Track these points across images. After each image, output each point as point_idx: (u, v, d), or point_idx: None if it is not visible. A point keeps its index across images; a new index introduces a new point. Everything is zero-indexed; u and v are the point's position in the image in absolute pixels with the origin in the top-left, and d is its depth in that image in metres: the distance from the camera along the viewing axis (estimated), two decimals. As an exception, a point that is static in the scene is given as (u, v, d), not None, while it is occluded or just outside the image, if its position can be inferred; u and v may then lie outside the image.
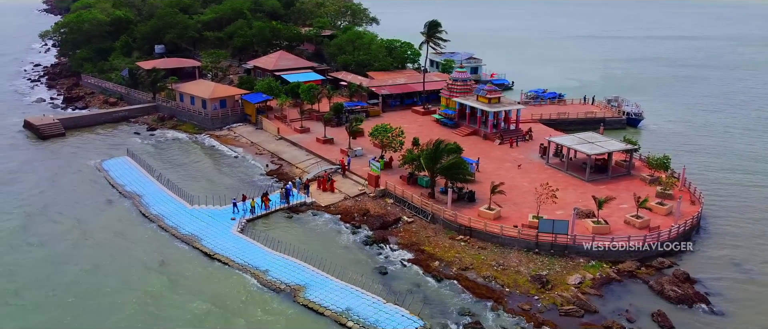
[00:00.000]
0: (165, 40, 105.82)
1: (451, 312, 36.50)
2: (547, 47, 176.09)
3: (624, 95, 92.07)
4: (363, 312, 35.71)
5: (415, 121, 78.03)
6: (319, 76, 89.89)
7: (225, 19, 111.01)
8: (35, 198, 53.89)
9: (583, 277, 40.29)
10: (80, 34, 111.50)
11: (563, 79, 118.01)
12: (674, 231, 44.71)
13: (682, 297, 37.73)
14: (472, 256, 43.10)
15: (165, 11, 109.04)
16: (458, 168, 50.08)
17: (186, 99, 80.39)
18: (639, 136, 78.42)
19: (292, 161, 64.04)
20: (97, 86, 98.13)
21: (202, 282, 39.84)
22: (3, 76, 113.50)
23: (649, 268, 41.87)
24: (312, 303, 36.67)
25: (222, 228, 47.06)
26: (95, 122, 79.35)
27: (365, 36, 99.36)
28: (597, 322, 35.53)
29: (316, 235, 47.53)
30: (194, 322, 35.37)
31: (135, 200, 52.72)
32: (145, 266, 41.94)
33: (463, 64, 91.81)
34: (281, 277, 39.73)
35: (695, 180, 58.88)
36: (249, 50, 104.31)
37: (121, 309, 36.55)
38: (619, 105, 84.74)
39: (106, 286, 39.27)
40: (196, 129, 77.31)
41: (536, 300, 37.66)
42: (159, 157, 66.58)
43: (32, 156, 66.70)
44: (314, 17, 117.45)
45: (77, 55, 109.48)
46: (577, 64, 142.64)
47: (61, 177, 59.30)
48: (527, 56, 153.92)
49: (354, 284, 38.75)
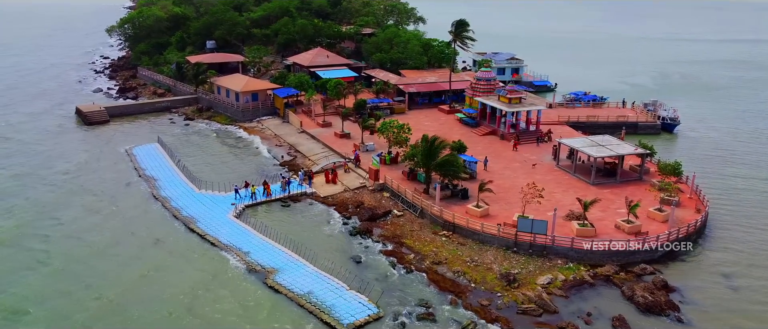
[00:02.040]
0: (215, 36, 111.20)
1: (409, 302, 37.29)
2: (609, 49, 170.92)
3: (672, 100, 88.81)
4: (323, 296, 37.17)
5: (438, 119, 78.56)
6: (352, 74, 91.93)
7: (273, 16, 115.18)
8: (62, 177, 59.17)
9: (554, 278, 39.93)
10: (141, 29, 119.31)
11: (613, 83, 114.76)
12: (663, 238, 43.32)
13: (651, 304, 36.72)
14: (450, 251, 43.57)
15: (217, 8, 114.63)
16: (452, 165, 50.48)
17: (222, 92, 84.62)
18: (673, 142, 75.68)
19: (306, 153, 66.32)
20: (149, 78, 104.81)
21: (185, 260, 42.58)
22: (73, 68, 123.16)
23: (628, 274, 40.91)
24: (278, 284, 38.53)
25: (220, 212, 49.82)
26: (139, 111, 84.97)
27: (403, 34, 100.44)
28: (553, 322, 35.29)
29: (307, 223, 49.42)
30: (160, 294, 38.07)
31: (150, 183, 56.58)
32: (141, 241, 45.32)
33: (490, 64, 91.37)
34: (259, 259, 41.85)
35: (718, 189, 56.76)
36: (292, 47, 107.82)
37: (102, 276, 40.21)
38: (655, 110, 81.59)
39: (97, 256, 43.00)
40: (228, 120, 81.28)
41: (498, 297, 37.78)
42: (188, 145, 70.72)
43: (75, 139, 72.66)
44: (359, 16, 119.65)
45: (137, 49, 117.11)
46: (634, 66, 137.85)
47: (93, 160, 64.39)
48: (583, 59, 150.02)
49: (325, 270, 40.28)
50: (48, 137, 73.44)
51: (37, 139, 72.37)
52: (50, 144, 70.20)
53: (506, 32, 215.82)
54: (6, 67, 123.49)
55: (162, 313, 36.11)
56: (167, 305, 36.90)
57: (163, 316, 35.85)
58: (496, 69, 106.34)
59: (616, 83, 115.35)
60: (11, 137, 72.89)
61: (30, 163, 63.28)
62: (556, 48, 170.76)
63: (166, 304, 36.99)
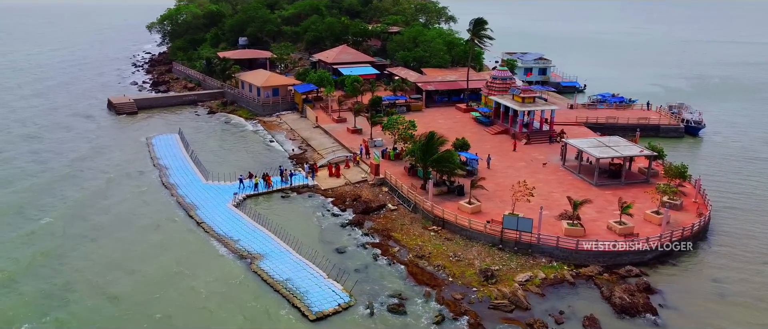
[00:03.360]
0: (247, 33, 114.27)
1: (384, 293, 37.85)
2: (650, 52, 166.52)
3: (708, 103, 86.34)
4: (300, 283, 38.17)
5: (453, 117, 78.64)
6: (374, 71, 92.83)
7: (303, 14, 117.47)
8: (81, 161, 62.72)
9: (534, 276, 39.72)
10: (179, 25, 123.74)
11: (648, 85, 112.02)
12: (653, 241, 42.42)
13: (628, 305, 36.11)
14: (435, 246, 43.87)
15: (249, 6, 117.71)
16: (447, 161, 50.73)
17: (245, 86, 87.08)
18: (695, 145, 73.58)
19: (317, 147, 67.65)
20: (182, 72, 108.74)
21: (179, 244, 44.38)
22: (115, 62, 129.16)
23: (613, 275, 40.25)
24: (260, 269, 39.80)
25: (220, 201, 51.59)
26: (166, 104, 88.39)
27: (427, 33, 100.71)
28: (523, 319, 35.21)
29: (302, 213, 50.63)
30: (145, 270, 40.22)
31: (162, 171, 59.02)
32: (141, 224, 47.60)
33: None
34: (248, 246, 43.25)
35: (731, 194, 55.12)
36: (320, 44, 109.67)
37: (95, 251, 42.82)
38: (679, 112, 79.22)
39: (96, 232, 45.62)
40: (249, 114, 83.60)
41: (473, 292, 37.91)
42: (206, 136, 73.30)
43: (102, 128, 76.42)
44: (389, 14, 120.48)
45: (173, 44, 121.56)
46: (673, 69, 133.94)
47: (114, 147, 67.71)
48: (621, 61, 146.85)
49: (308, 258, 41.30)
50: (78, 124, 77.64)
51: (68, 126, 76.67)
52: (78, 131, 74.31)
53: (547, 34, 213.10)
54: (60, 61, 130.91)
55: (141, 287, 38.15)
56: (148, 280, 38.97)
57: (140, 289, 37.86)
58: (523, 69, 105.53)
59: (650, 85, 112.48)
60: (43, 124, 77.37)
61: (55, 148, 67.17)
62: (596, 49, 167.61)
63: (147, 279, 39.07)
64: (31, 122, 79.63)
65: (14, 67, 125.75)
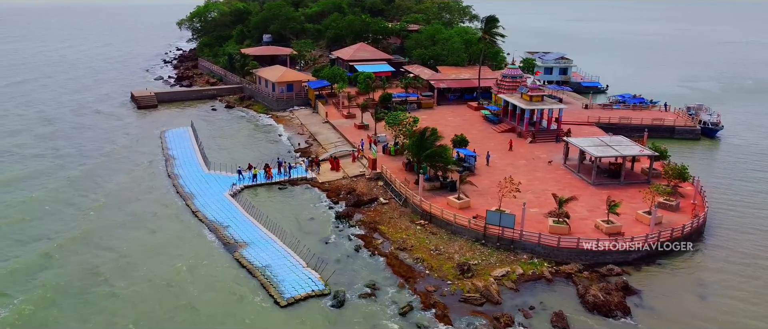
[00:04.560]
0: (270, 30, 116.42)
1: (359, 282, 38.45)
2: (684, 53, 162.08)
3: (736, 106, 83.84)
4: (279, 270, 39.12)
5: (463, 115, 78.58)
6: (389, 68, 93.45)
7: (326, 12, 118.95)
8: (95, 150, 65.36)
9: (512, 271, 39.67)
10: (207, 22, 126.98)
11: (675, 87, 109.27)
12: (639, 241, 41.76)
13: (600, 303, 35.70)
14: (419, 239, 44.22)
15: (274, 4, 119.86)
16: (440, 157, 51.00)
17: (261, 82, 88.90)
18: (709, 147, 71.68)
19: (322, 142, 68.68)
20: (207, 68, 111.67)
21: (172, 230, 45.97)
22: (144, 57, 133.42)
23: (593, 273, 39.86)
24: (242, 257, 40.93)
25: (218, 190, 53.10)
26: (186, 98, 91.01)
27: (445, 31, 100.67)
28: (492, 312, 35.24)
29: (296, 204, 51.65)
30: (128, 249, 42.21)
31: (169, 162, 61.03)
32: (139, 210, 49.53)
33: (513, 61, 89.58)
34: (236, 234, 44.48)
35: (736, 197, 53.70)
36: (341, 42, 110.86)
37: (89, 231, 44.89)
38: (697, 114, 77.11)
39: (93, 214, 47.77)
40: (263, 109, 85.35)
41: (446, 285, 38.14)
42: (218, 129, 75.35)
43: (122, 119, 79.41)
44: (411, 13, 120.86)
45: (201, 41, 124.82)
46: (704, 71, 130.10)
47: (129, 138, 70.29)
48: (651, 62, 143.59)
49: (291, 247, 42.26)
50: (100, 115, 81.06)
51: (89, 116, 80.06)
52: (97, 121, 77.66)
53: (585, 34, 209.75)
54: (94, 57, 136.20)
55: (120, 263, 40.14)
56: (130, 259, 40.83)
57: (120, 265, 39.90)
58: (544, 68, 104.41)
59: (678, 87, 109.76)
60: (60, 117, 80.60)
61: (75, 136, 70.28)
62: (629, 51, 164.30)
63: (129, 258, 41.00)
64: (59, 111, 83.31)
65: (61, 62, 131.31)
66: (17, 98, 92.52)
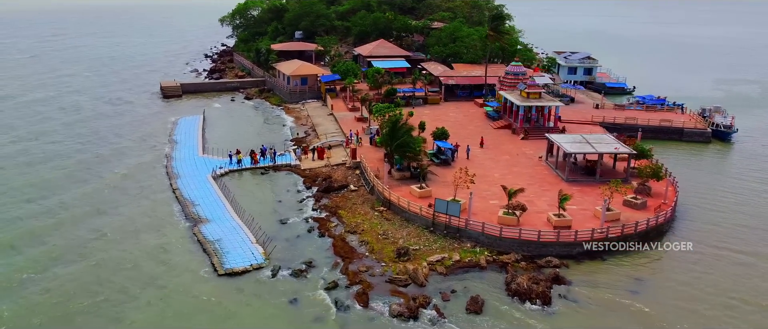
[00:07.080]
0: (301, 26, 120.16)
1: (299, 259, 40.47)
2: (728, 56, 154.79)
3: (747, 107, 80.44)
4: (228, 244, 41.74)
5: (467, 111, 79.06)
6: (405, 64, 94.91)
7: (356, 9, 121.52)
8: (109, 136, 70.29)
9: (448, 258, 40.56)
10: (247, 19, 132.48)
11: (708, 90, 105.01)
12: (582, 235, 41.64)
13: (522, 291, 36.13)
14: (372, 224, 45.71)
15: (307, 1, 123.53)
16: (407, 146, 52.31)
17: (279, 75, 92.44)
18: (721, 150, 69.05)
19: (320, 132, 71.09)
20: (239, 62, 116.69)
21: (146, 205, 49.59)
22: (188, 53, 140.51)
23: (531, 264, 40.14)
24: (198, 231, 43.84)
25: (204, 173, 56.47)
26: (210, 89, 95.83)
27: (465, 30, 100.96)
28: (411, 293, 36.31)
29: (271, 188, 54.25)
30: (98, 223, 45.78)
31: (170, 145, 65.17)
32: (129, 187, 53.73)
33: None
34: (201, 212, 47.49)
35: (726, 202, 52.00)
36: (366, 39, 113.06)
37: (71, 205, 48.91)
38: (711, 116, 74.23)
39: (83, 192, 51.97)
40: (278, 101, 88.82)
41: (379, 266, 39.51)
42: (229, 118, 79.38)
43: (146, 107, 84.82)
44: (440, 11, 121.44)
45: (239, 36, 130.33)
46: (743, 73, 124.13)
47: (144, 124, 75.22)
48: (692, 65, 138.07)
49: (246, 224, 44.85)
50: (126, 104, 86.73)
51: (117, 104, 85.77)
52: (124, 109, 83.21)
53: (629, 36, 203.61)
54: (152, 50, 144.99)
55: (88, 237, 43.62)
56: (97, 233, 44.25)
57: (87, 239, 43.30)
58: (568, 68, 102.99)
59: (711, 91, 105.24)
60: (87, 106, 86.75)
61: (97, 123, 75.79)
62: (670, 52, 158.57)
63: (97, 230, 44.55)
64: (92, 99, 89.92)
65: (121, 56, 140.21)
66: (61, 86, 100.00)
